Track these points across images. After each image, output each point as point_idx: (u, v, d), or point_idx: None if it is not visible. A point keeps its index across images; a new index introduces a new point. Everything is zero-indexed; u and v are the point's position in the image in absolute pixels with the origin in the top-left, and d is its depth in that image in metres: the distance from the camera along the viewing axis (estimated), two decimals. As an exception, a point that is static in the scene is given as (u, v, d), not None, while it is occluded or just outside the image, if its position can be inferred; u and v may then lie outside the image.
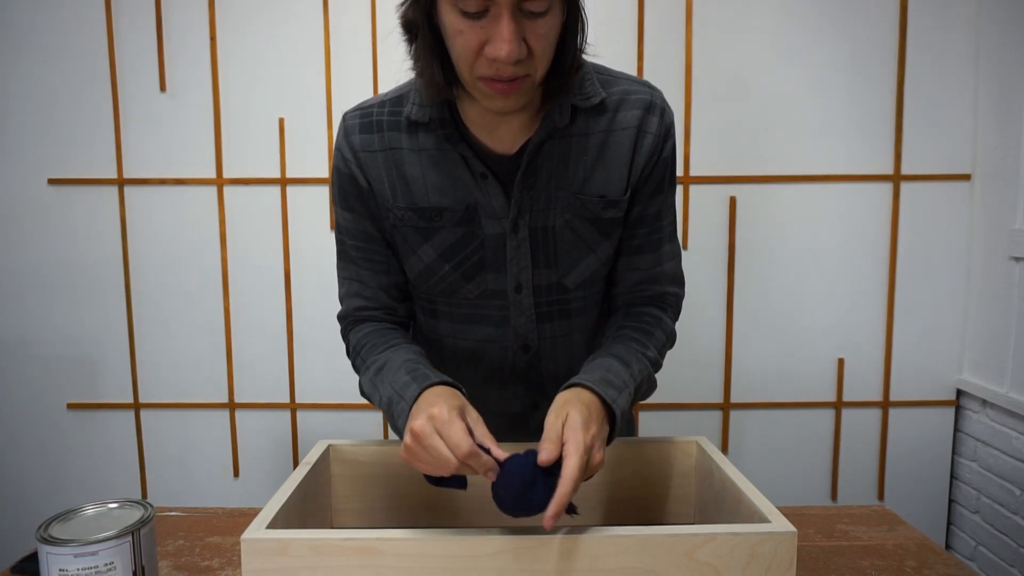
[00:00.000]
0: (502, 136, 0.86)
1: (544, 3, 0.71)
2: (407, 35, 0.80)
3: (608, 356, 0.82)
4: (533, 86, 0.78)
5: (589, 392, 0.75)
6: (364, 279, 0.94)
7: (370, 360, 0.87)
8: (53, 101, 1.95)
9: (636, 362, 0.84)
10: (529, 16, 0.72)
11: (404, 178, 0.88)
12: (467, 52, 0.73)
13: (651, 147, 0.88)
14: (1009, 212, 1.81)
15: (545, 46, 0.74)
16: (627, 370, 0.81)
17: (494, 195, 0.86)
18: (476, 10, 0.70)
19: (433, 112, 0.85)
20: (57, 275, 2.01)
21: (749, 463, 2.04)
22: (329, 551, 0.64)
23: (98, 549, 0.66)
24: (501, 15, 0.70)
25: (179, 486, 2.07)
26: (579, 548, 0.64)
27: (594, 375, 0.77)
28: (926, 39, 1.90)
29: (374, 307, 0.94)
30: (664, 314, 0.94)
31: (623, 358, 0.82)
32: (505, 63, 0.71)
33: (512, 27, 0.70)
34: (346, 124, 0.90)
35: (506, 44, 0.70)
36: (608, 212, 0.89)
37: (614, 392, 0.76)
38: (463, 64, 0.75)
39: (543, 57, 0.75)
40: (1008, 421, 1.81)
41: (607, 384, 0.76)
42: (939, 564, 0.86)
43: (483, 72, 0.74)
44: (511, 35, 0.70)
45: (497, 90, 0.75)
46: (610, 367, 0.80)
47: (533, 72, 0.75)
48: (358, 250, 0.93)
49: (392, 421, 0.80)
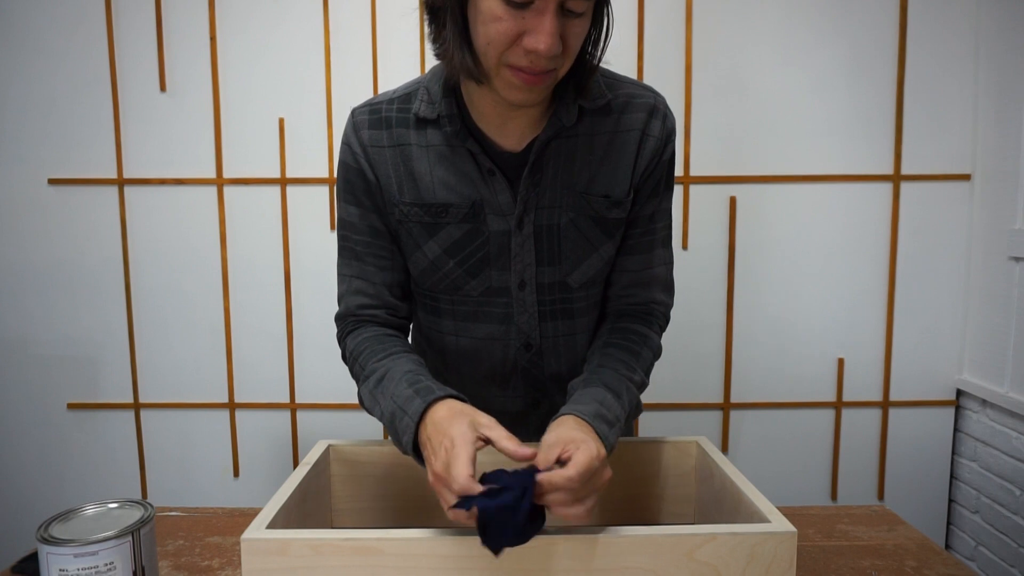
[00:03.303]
0: (510, 133, 0.86)
1: (585, 4, 0.73)
2: (431, 17, 0.80)
3: (600, 386, 0.81)
4: (556, 81, 0.79)
5: (586, 424, 0.74)
6: (368, 275, 0.93)
7: (369, 368, 0.86)
8: (53, 101, 1.95)
9: (626, 392, 0.83)
10: (568, 15, 0.73)
11: (412, 174, 0.88)
12: (502, 39, 0.74)
13: (653, 150, 0.89)
14: (1009, 212, 1.81)
15: (577, 45, 0.76)
16: (618, 402, 0.81)
17: (500, 191, 0.86)
18: (522, 1, 0.71)
19: (442, 108, 0.85)
20: (57, 275, 2.01)
21: (749, 463, 2.04)
22: (329, 551, 0.64)
23: (98, 549, 0.66)
24: (547, 9, 0.71)
25: (179, 486, 2.07)
26: (579, 548, 0.64)
27: (588, 407, 0.77)
28: (926, 39, 1.90)
29: (377, 305, 0.93)
30: (650, 330, 0.93)
31: (614, 389, 0.82)
32: (543, 56, 0.73)
33: (556, 23, 0.72)
34: (355, 119, 0.90)
35: (548, 38, 0.72)
36: (612, 212, 0.89)
37: (606, 427, 0.76)
38: (494, 50, 0.75)
39: (572, 55, 0.77)
40: (1008, 421, 1.81)
41: (601, 419, 0.76)
42: (939, 564, 0.86)
43: (515, 61, 0.75)
44: (554, 30, 0.72)
45: (525, 80, 0.76)
46: (603, 400, 0.79)
47: (559, 67, 0.77)
48: (364, 245, 0.92)
49: (394, 435, 0.78)
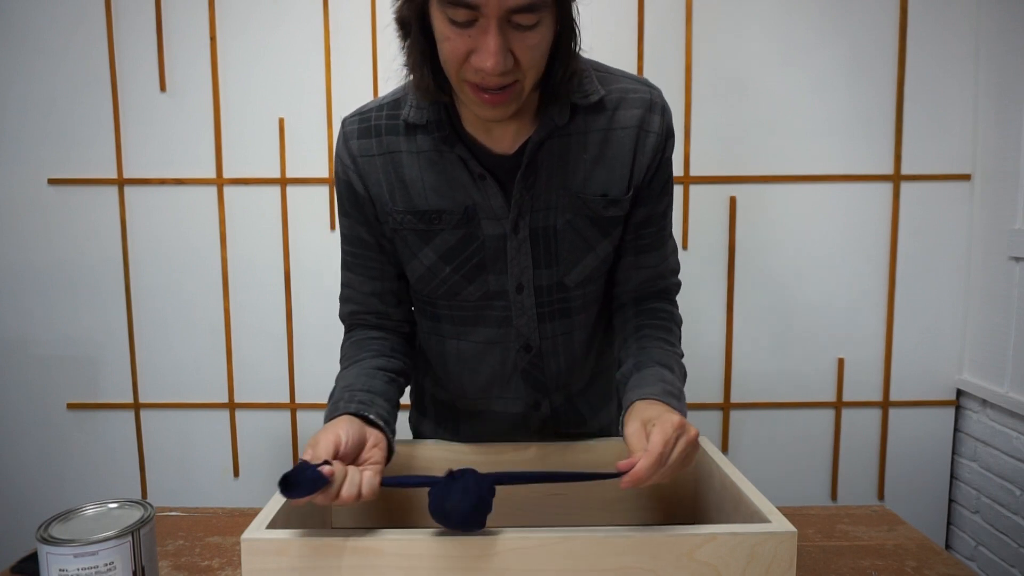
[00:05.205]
0: (500, 136, 0.86)
1: (533, 17, 0.71)
2: (400, 32, 0.80)
3: (655, 365, 0.85)
4: (523, 93, 0.77)
5: (660, 404, 0.77)
6: (356, 285, 0.95)
7: (338, 375, 0.89)
8: (53, 101, 1.95)
9: (677, 365, 0.87)
10: (517, 28, 0.71)
11: (403, 181, 0.87)
12: (453, 58, 0.73)
13: (655, 146, 0.88)
14: (1009, 212, 1.81)
15: (534, 56, 0.74)
16: (675, 375, 0.84)
17: (493, 196, 0.86)
18: (464, 20, 0.70)
19: (430, 114, 0.85)
20: (57, 275, 2.01)
21: (749, 463, 2.04)
22: (329, 551, 0.64)
23: (98, 549, 0.66)
24: (488, 28, 0.70)
25: (179, 486, 2.07)
26: (579, 548, 0.64)
27: (655, 388, 0.80)
28: (926, 39, 1.90)
29: (365, 311, 0.96)
30: (672, 306, 0.98)
31: (667, 364, 0.86)
32: (491, 74, 0.71)
33: (498, 40, 0.70)
34: (345, 130, 0.90)
35: (491, 56, 0.70)
36: (609, 211, 0.89)
37: (676, 402, 0.79)
38: (450, 69, 0.75)
39: (532, 67, 0.75)
40: (1008, 421, 1.81)
41: (670, 396, 0.79)
42: (939, 564, 0.86)
43: (470, 78, 0.74)
44: (496, 48, 0.70)
45: (484, 100, 0.75)
46: (663, 377, 0.82)
47: (522, 79, 0.75)
48: (352, 255, 0.95)
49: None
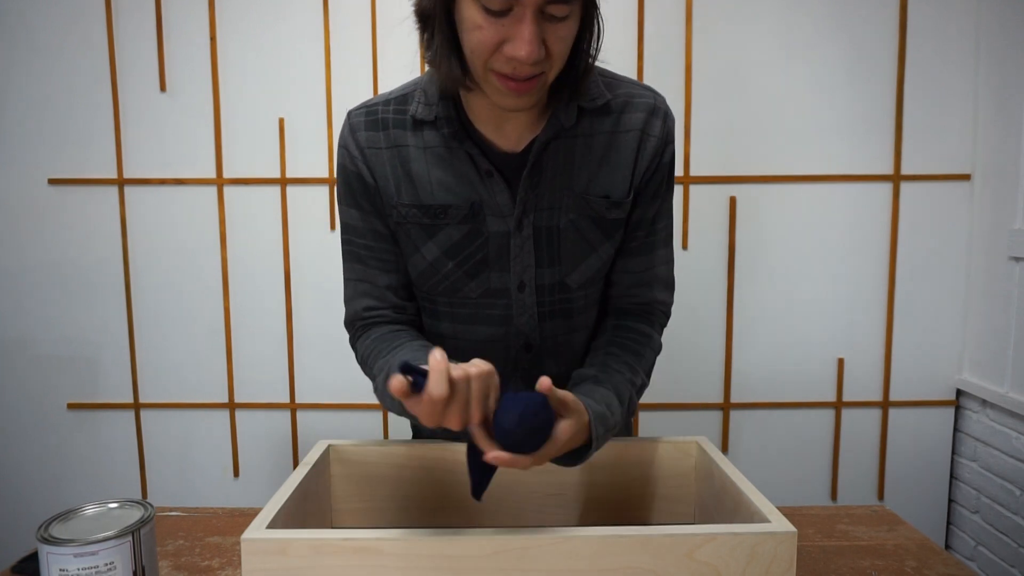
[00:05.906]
0: (508, 134, 0.86)
1: (566, 8, 0.72)
2: (421, 25, 0.80)
3: (610, 389, 0.83)
4: (545, 85, 0.78)
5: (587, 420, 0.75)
6: (372, 278, 0.92)
7: (377, 367, 0.86)
8: (53, 101, 1.95)
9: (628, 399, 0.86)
10: (550, 19, 0.72)
11: (409, 175, 0.87)
12: (484, 48, 0.73)
13: (653, 150, 0.89)
14: (1009, 212, 1.81)
15: (562, 49, 0.75)
16: (620, 408, 0.82)
17: (499, 192, 0.86)
18: (500, 8, 0.71)
19: (439, 110, 0.85)
20: (57, 275, 2.01)
21: (749, 463, 2.04)
22: (329, 551, 0.64)
23: (98, 549, 0.66)
24: (524, 17, 0.71)
25: (179, 486, 2.07)
26: (579, 548, 0.64)
27: (598, 406, 0.78)
28: (926, 39, 1.90)
29: (384, 306, 0.93)
30: (652, 329, 0.94)
31: (620, 394, 0.84)
32: (524, 63, 0.72)
33: (534, 29, 0.71)
34: (351, 121, 0.90)
35: (527, 45, 0.71)
36: (612, 212, 0.89)
37: (603, 430, 0.77)
38: (478, 58, 0.75)
39: (559, 59, 0.76)
40: (1008, 421, 1.81)
41: (602, 422, 0.77)
42: (939, 564, 0.86)
43: (499, 68, 0.74)
44: (533, 37, 0.71)
45: (511, 88, 0.75)
46: (611, 404, 0.80)
47: (548, 70, 0.76)
48: (367, 248, 0.92)
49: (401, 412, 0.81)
